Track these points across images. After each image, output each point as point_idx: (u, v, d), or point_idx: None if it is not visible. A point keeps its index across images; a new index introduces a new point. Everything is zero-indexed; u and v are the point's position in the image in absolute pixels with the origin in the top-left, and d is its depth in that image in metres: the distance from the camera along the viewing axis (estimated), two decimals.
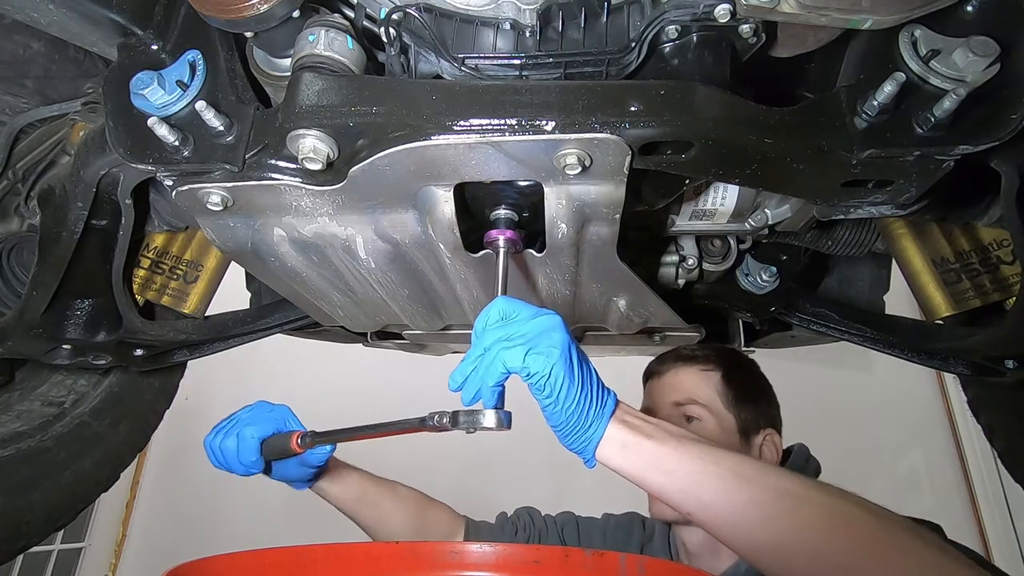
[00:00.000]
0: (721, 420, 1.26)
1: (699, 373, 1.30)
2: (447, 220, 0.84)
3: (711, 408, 1.26)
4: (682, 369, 1.32)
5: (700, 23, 0.79)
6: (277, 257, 0.95)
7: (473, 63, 0.81)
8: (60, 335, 1.20)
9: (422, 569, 0.82)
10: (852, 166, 0.76)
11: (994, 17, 0.76)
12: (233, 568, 0.80)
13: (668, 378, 1.33)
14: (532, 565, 0.81)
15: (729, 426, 1.26)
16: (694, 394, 1.27)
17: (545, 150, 0.74)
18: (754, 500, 0.73)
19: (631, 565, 0.77)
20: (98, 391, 1.51)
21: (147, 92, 0.80)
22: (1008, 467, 1.39)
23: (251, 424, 1.04)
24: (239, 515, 3.84)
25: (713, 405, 1.26)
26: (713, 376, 1.29)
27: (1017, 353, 1.07)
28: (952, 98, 0.69)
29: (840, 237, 1.22)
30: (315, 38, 0.80)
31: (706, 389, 1.28)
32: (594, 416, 0.78)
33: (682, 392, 1.29)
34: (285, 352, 2.91)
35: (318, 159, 0.76)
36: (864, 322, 1.26)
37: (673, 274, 1.22)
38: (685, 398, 1.28)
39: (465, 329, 1.28)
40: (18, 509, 1.28)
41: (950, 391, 3.66)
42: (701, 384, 1.29)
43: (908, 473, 3.65)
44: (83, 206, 1.03)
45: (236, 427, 1.05)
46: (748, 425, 1.27)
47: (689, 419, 1.27)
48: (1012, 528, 3.33)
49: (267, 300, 1.52)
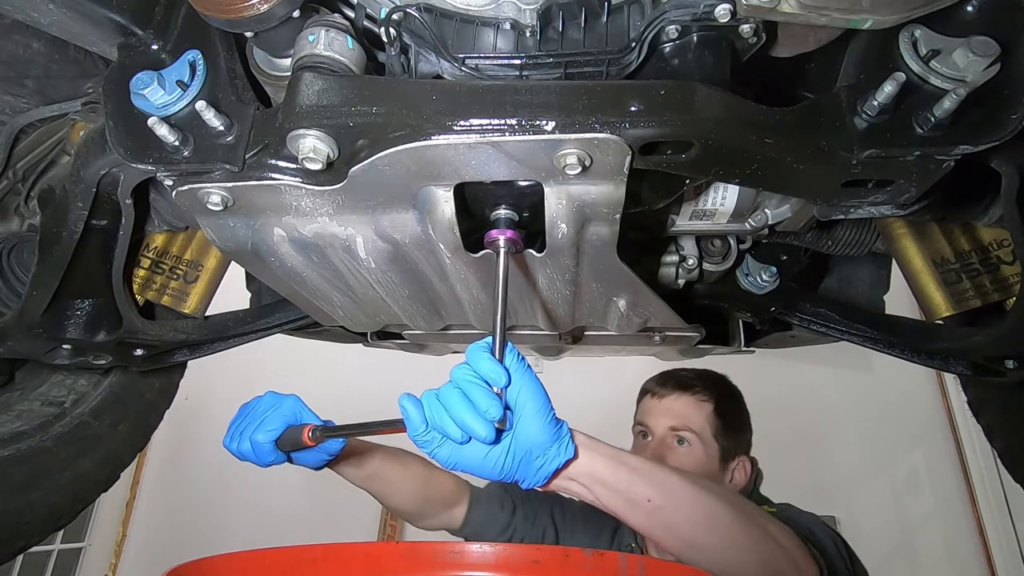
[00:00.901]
0: (707, 447, 1.47)
1: (696, 403, 1.51)
2: (447, 220, 0.84)
3: (701, 436, 1.47)
4: (681, 396, 1.52)
5: (700, 23, 0.79)
6: (277, 257, 0.95)
7: (473, 63, 0.81)
8: (60, 335, 1.20)
9: (422, 569, 0.82)
10: (852, 166, 0.76)
11: (994, 17, 0.75)
12: (233, 568, 0.80)
13: (667, 402, 1.53)
14: (532, 565, 0.81)
15: (713, 453, 1.48)
16: (689, 421, 1.48)
17: (545, 150, 0.74)
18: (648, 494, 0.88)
19: (631, 565, 0.77)
20: (98, 391, 1.51)
21: (147, 92, 0.80)
22: (1008, 467, 1.39)
23: (261, 429, 1.05)
24: (239, 515, 3.84)
25: (703, 433, 1.48)
26: (706, 407, 1.50)
27: (1017, 353, 1.07)
28: (952, 98, 0.69)
29: (840, 237, 1.22)
30: (315, 38, 0.80)
31: (699, 418, 1.49)
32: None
33: (679, 418, 1.49)
34: (285, 352, 2.91)
35: (318, 159, 0.76)
36: (864, 322, 1.26)
37: (673, 274, 1.22)
38: (681, 424, 1.49)
39: (465, 329, 1.28)
40: (18, 509, 1.28)
41: (950, 391, 3.66)
42: (696, 413, 1.50)
43: (908, 473, 3.65)
44: (83, 206, 1.03)
45: (247, 430, 1.06)
46: (727, 453, 1.50)
47: (680, 441, 1.48)
48: (1012, 528, 3.34)
49: (267, 300, 1.52)
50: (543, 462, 0.80)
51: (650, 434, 1.53)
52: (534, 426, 0.79)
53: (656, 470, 0.90)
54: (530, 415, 0.79)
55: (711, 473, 1.46)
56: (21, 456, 1.31)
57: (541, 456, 0.80)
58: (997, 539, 3.33)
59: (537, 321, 1.17)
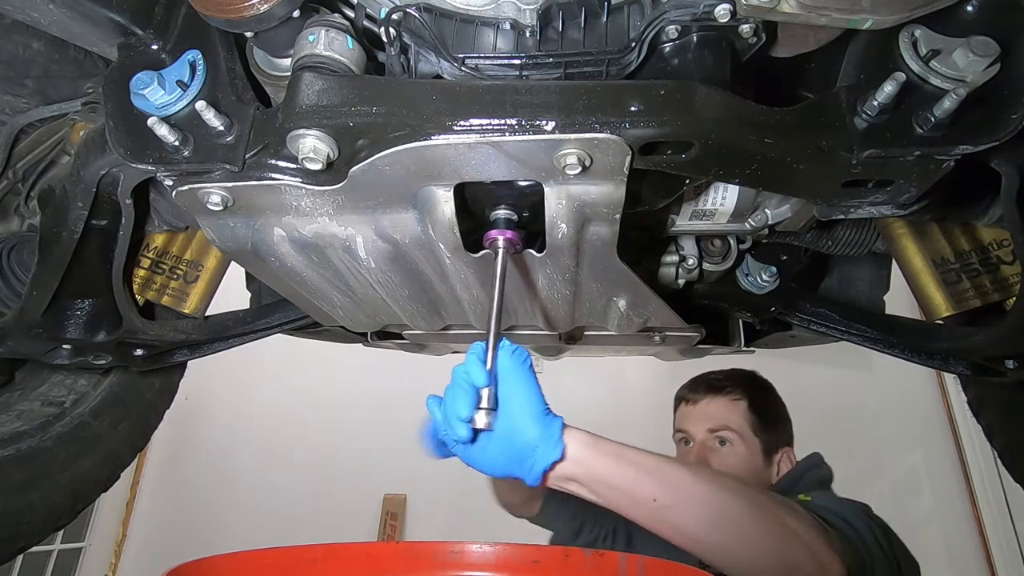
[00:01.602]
0: (748, 444, 1.52)
1: (729, 403, 1.57)
2: (447, 220, 0.84)
3: (741, 434, 1.52)
4: (715, 399, 1.58)
5: (700, 23, 0.79)
6: (277, 257, 0.95)
7: (473, 63, 0.81)
8: (60, 335, 1.20)
9: (422, 569, 0.82)
10: (852, 166, 0.76)
11: (994, 17, 0.75)
12: (233, 568, 0.80)
13: (702, 406, 1.59)
14: (532, 565, 0.81)
15: (755, 448, 1.52)
16: (727, 421, 1.54)
17: (545, 150, 0.74)
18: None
19: (631, 565, 0.77)
20: (98, 391, 1.51)
21: (147, 92, 0.80)
22: (1008, 467, 1.39)
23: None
24: (239, 515, 3.84)
25: (743, 431, 1.53)
26: (740, 405, 1.56)
27: (1017, 353, 1.07)
28: (952, 98, 0.69)
29: (840, 237, 1.22)
30: (315, 38, 0.80)
31: (736, 417, 1.54)
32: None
33: (716, 420, 1.55)
34: (285, 352, 2.91)
35: (318, 159, 0.76)
36: (864, 322, 1.26)
37: (673, 274, 1.22)
38: (719, 425, 1.54)
39: (465, 329, 1.28)
40: (18, 509, 1.28)
41: (950, 391, 3.66)
42: (731, 412, 1.55)
43: (908, 473, 3.65)
44: (83, 206, 1.03)
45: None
46: (770, 446, 1.54)
47: (722, 442, 1.52)
48: (1012, 528, 3.33)
49: (267, 300, 1.52)
50: (532, 461, 0.80)
51: (691, 440, 1.59)
52: (519, 423, 0.80)
53: (664, 466, 0.88)
54: (515, 412, 0.80)
55: (756, 468, 1.51)
56: (21, 456, 1.31)
57: (531, 454, 0.80)
58: (997, 539, 3.32)
59: (537, 321, 1.17)
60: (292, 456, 3.93)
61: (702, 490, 0.87)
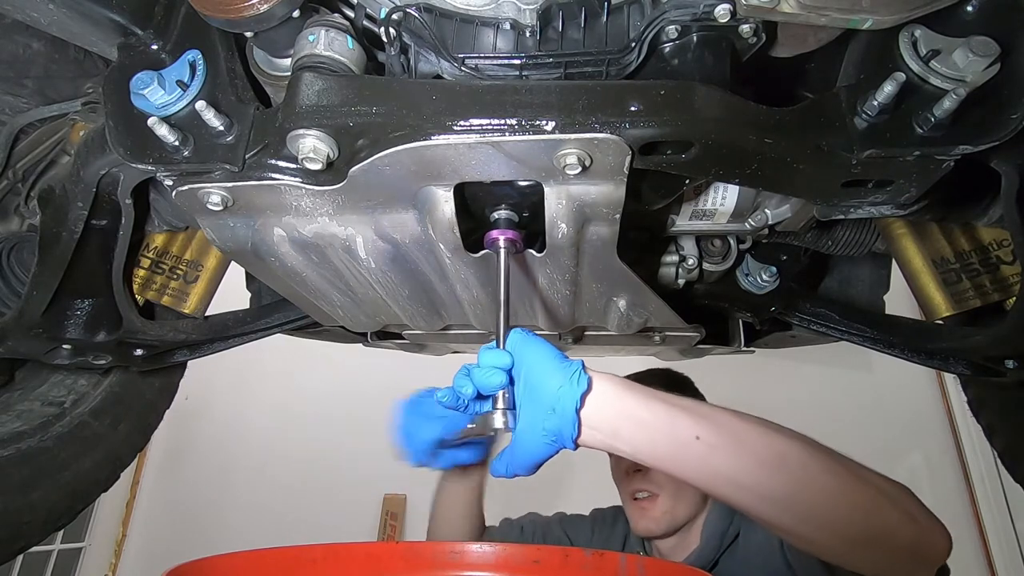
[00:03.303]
0: None
1: None
2: (447, 220, 0.84)
3: None
4: None
5: (700, 23, 0.79)
6: (277, 257, 0.95)
7: (473, 63, 0.81)
8: (60, 335, 1.20)
9: (422, 569, 0.82)
10: (852, 166, 0.76)
11: (994, 17, 0.75)
12: (233, 568, 0.80)
13: None
14: (532, 565, 0.81)
15: None
16: None
17: (545, 150, 0.74)
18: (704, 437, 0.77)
19: (631, 565, 0.77)
20: (98, 391, 1.50)
21: (147, 92, 0.80)
22: (1008, 467, 1.39)
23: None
24: (239, 515, 3.84)
25: None
26: None
27: (1017, 353, 1.07)
28: (952, 98, 0.69)
29: (840, 237, 1.22)
30: (315, 38, 0.80)
31: None
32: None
33: None
34: (285, 352, 2.91)
35: (318, 159, 0.76)
36: (864, 322, 1.26)
37: (673, 274, 1.22)
38: None
39: (465, 329, 1.28)
40: (18, 509, 1.28)
41: (950, 391, 3.66)
42: None
43: (908, 473, 3.65)
44: (83, 206, 1.03)
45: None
46: None
47: None
48: (1012, 528, 3.33)
49: (267, 300, 1.52)
50: (562, 404, 0.75)
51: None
52: (540, 377, 0.77)
53: (702, 406, 0.79)
54: (535, 370, 0.77)
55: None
56: (21, 456, 1.31)
57: (559, 399, 0.75)
58: (997, 539, 3.32)
59: (537, 321, 1.17)
60: (292, 456, 3.93)
61: (750, 428, 0.77)
